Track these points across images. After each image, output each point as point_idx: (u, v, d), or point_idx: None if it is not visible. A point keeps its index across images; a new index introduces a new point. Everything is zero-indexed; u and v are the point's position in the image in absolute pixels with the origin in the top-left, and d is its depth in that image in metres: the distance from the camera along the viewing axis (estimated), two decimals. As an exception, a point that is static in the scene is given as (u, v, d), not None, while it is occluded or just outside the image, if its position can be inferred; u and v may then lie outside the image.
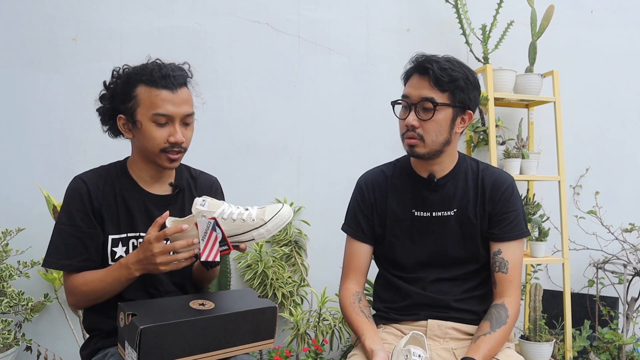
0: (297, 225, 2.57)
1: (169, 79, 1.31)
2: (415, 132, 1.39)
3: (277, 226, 1.28)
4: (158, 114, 1.30)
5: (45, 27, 2.34)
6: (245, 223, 1.27)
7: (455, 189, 1.48)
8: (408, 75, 1.44)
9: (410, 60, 1.43)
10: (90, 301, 1.34)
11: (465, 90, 1.40)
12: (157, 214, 1.40)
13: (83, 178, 1.38)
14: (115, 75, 1.40)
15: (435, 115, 1.37)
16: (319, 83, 2.63)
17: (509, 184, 1.47)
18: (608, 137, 2.96)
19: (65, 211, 1.36)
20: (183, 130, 1.35)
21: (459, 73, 1.38)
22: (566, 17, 2.84)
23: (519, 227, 1.46)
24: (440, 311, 1.45)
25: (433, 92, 1.37)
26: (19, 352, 2.20)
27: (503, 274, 1.43)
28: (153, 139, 1.32)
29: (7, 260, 2.15)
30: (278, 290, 2.39)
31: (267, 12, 2.57)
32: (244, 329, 1.27)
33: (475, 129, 2.59)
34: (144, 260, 1.24)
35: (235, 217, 1.26)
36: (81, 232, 1.34)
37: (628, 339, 2.52)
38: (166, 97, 1.31)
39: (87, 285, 1.31)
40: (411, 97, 1.39)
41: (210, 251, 1.23)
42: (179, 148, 1.34)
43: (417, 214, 1.48)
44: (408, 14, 2.74)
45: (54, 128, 2.34)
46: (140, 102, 1.32)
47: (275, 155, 2.58)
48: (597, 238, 2.83)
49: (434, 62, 1.37)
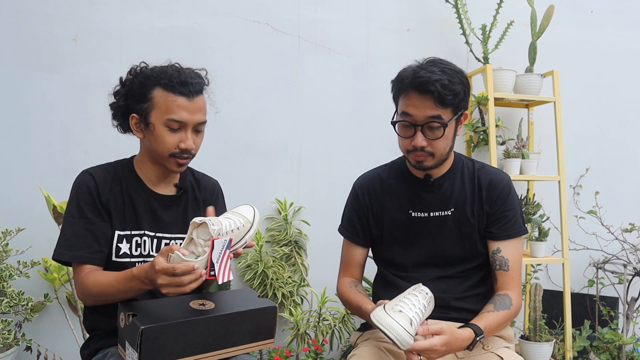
0: (297, 225, 2.57)
1: (187, 86, 1.32)
2: (425, 151, 1.37)
3: (258, 224, 1.30)
4: (172, 120, 1.31)
5: (45, 27, 2.34)
6: (240, 230, 1.26)
7: (452, 188, 1.48)
8: (403, 89, 1.38)
9: (408, 73, 1.36)
10: (97, 301, 1.34)
11: (465, 98, 1.39)
12: (161, 214, 1.41)
13: (91, 172, 1.39)
14: (132, 73, 1.39)
15: (445, 133, 1.36)
16: (319, 83, 2.63)
17: (505, 182, 1.48)
18: (608, 137, 2.96)
19: (74, 204, 1.35)
20: (194, 137, 1.35)
21: (458, 85, 1.34)
22: (566, 17, 2.84)
23: (517, 226, 1.46)
24: (440, 311, 1.45)
25: (438, 110, 1.33)
26: (19, 352, 2.20)
27: (504, 271, 1.44)
28: (164, 143, 1.33)
29: (7, 260, 2.15)
30: (278, 290, 2.39)
31: (267, 12, 2.57)
32: (244, 329, 1.28)
33: (475, 129, 2.59)
34: (152, 283, 1.20)
35: (233, 227, 1.25)
36: (91, 224, 1.34)
37: (628, 339, 2.52)
38: (182, 103, 1.31)
39: (97, 286, 1.30)
40: (415, 117, 1.35)
41: (224, 271, 1.21)
42: (188, 154, 1.36)
43: (415, 215, 1.49)
44: (408, 14, 2.74)
45: (54, 128, 2.34)
46: (155, 105, 1.32)
47: (275, 155, 2.58)
48: (597, 238, 2.83)
49: (436, 81, 1.30)
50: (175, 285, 1.15)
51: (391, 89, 1.45)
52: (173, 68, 1.35)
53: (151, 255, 1.40)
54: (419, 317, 1.24)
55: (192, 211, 1.47)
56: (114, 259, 1.36)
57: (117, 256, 1.37)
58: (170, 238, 1.43)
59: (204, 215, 1.44)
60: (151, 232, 1.40)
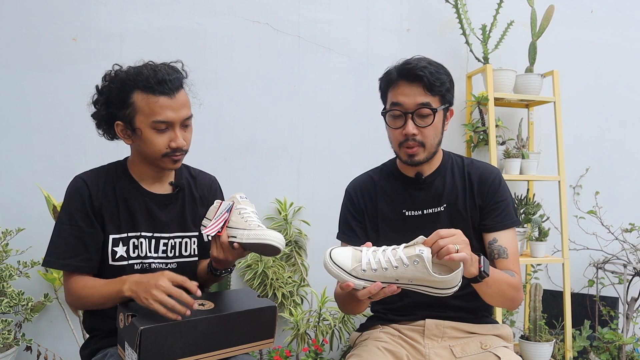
0: (297, 225, 2.57)
1: (166, 83, 1.29)
2: (416, 139, 1.39)
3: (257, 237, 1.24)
4: (158, 121, 1.30)
5: (45, 27, 2.34)
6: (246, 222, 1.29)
7: (443, 184, 1.49)
8: (391, 82, 1.42)
9: (395, 67, 1.42)
10: (84, 305, 1.36)
11: (451, 90, 1.43)
12: (157, 213, 1.40)
13: (83, 177, 1.38)
14: (107, 79, 1.37)
15: (434, 120, 1.39)
16: (319, 83, 2.63)
17: (495, 175, 1.49)
18: (608, 137, 2.96)
19: (65, 211, 1.35)
20: (183, 134, 1.34)
21: (444, 75, 1.40)
22: (566, 17, 2.84)
23: (510, 216, 1.47)
24: (438, 310, 1.45)
25: (427, 97, 1.38)
26: (19, 352, 2.20)
27: (504, 259, 1.44)
28: (155, 145, 1.32)
29: (7, 260, 2.15)
30: (278, 290, 2.39)
31: (267, 12, 2.57)
32: (243, 329, 1.28)
33: (475, 129, 2.59)
34: (143, 284, 1.21)
35: (243, 214, 1.29)
36: (81, 231, 1.34)
37: (628, 339, 2.52)
38: (165, 103, 1.29)
39: (84, 290, 1.32)
40: (406, 105, 1.38)
41: (214, 227, 1.28)
42: (180, 152, 1.35)
43: (408, 214, 1.49)
44: (408, 14, 2.74)
45: (54, 128, 2.34)
46: (138, 109, 1.30)
47: (275, 155, 2.58)
48: (597, 238, 2.82)
49: (424, 67, 1.37)
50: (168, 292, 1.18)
51: (379, 87, 1.48)
52: (148, 67, 1.32)
53: (149, 256, 1.39)
54: None
55: (190, 209, 1.46)
56: (111, 262, 1.36)
57: (114, 260, 1.36)
58: (168, 238, 1.42)
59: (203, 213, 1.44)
60: (148, 232, 1.40)
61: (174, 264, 1.42)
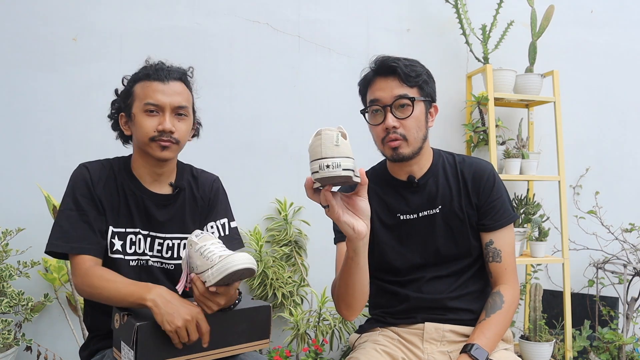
0: (297, 225, 2.57)
1: (162, 71, 1.35)
2: (397, 132, 1.38)
3: (220, 272, 1.13)
4: (148, 103, 1.32)
5: (45, 27, 2.34)
6: (208, 260, 1.18)
7: (436, 186, 1.47)
8: (368, 81, 1.44)
9: (369, 66, 1.44)
10: (92, 295, 1.29)
11: (429, 83, 1.43)
12: (154, 212, 1.40)
13: (87, 166, 1.39)
14: (123, 83, 1.43)
15: (413, 111, 1.38)
16: (319, 83, 2.63)
17: (489, 171, 1.47)
18: (608, 137, 2.96)
19: (70, 197, 1.34)
20: (174, 122, 1.34)
21: (420, 68, 1.41)
22: (566, 17, 2.84)
23: (507, 213, 1.46)
24: (437, 313, 1.44)
25: (404, 89, 1.38)
26: (19, 352, 2.20)
27: (497, 263, 1.43)
28: (143, 128, 1.33)
29: (7, 260, 2.15)
30: (278, 290, 2.39)
31: (267, 12, 2.57)
32: (239, 329, 1.28)
33: (475, 129, 2.59)
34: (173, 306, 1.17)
35: (204, 252, 1.19)
36: (88, 216, 1.33)
37: (628, 339, 2.52)
38: (157, 87, 1.33)
39: (102, 281, 1.26)
40: (383, 100, 1.39)
41: (181, 285, 1.23)
42: (168, 137, 1.32)
43: (403, 218, 1.48)
44: (408, 14, 2.74)
45: (54, 128, 2.34)
46: (136, 96, 1.35)
47: (275, 155, 2.58)
48: (597, 238, 2.82)
49: (397, 60, 1.38)
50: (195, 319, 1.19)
51: (359, 91, 1.50)
52: (153, 62, 1.39)
53: (145, 254, 1.39)
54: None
55: (190, 210, 1.45)
56: (109, 255, 1.35)
57: (112, 252, 1.35)
58: (164, 238, 1.41)
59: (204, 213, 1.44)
60: (144, 230, 1.39)
61: (171, 265, 1.42)
